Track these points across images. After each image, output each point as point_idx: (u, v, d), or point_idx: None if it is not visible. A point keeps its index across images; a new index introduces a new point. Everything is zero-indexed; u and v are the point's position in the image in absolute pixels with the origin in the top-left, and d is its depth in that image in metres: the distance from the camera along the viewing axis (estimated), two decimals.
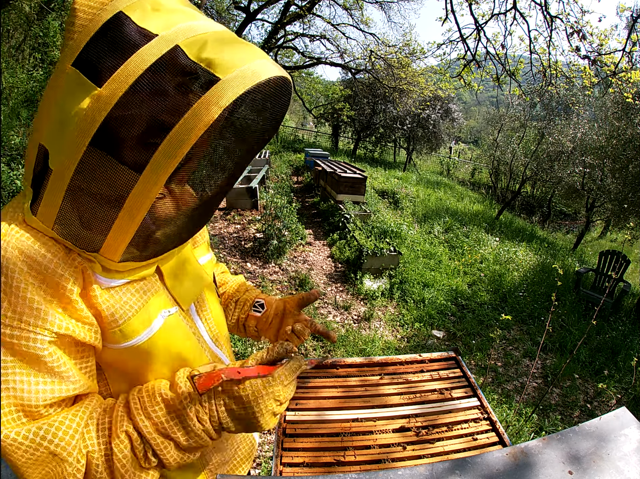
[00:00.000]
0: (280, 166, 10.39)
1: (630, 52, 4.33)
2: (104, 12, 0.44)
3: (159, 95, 0.44)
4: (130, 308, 0.56)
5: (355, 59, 11.76)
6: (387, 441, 1.13)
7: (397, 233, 5.70)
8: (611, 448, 0.70)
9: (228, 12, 12.31)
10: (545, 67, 5.03)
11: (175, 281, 0.64)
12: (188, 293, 0.67)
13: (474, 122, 35.16)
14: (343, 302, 4.15)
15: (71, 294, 0.50)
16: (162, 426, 0.54)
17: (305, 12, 9.17)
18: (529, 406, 2.96)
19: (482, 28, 5.07)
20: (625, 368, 3.52)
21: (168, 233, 0.57)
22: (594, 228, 12.13)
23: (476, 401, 1.29)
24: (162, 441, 0.54)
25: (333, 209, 6.48)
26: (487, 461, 0.67)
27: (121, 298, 0.56)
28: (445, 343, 3.77)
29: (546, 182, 10.21)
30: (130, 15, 0.44)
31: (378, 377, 1.39)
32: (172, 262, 0.64)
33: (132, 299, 0.57)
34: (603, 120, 7.89)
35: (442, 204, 8.83)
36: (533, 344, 3.91)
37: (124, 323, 0.55)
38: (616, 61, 4.38)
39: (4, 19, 6.35)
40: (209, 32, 0.47)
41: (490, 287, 4.98)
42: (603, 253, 4.92)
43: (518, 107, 11.54)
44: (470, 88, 5.91)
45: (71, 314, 0.51)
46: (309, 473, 1.01)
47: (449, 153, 20.09)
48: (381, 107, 14.66)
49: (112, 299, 0.55)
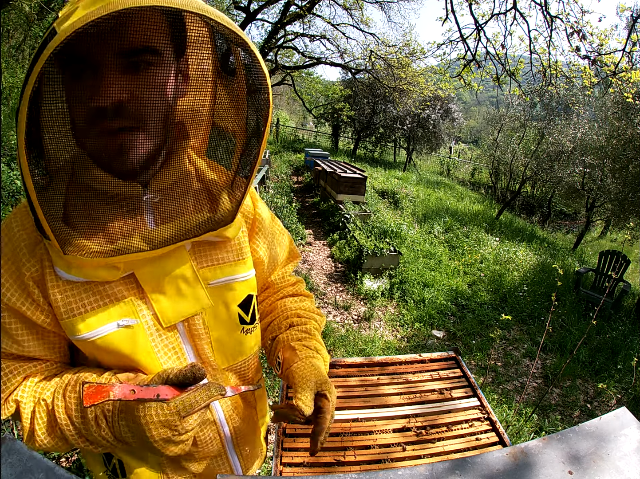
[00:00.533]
0: (280, 166, 10.39)
1: (630, 52, 4.32)
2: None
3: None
4: (80, 307, 0.57)
5: (355, 59, 11.77)
6: (387, 441, 1.13)
7: (397, 233, 5.70)
8: (611, 448, 0.70)
9: (228, 12, 12.30)
10: (545, 67, 5.03)
11: (160, 295, 0.62)
12: (171, 311, 0.63)
13: (474, 122, 35.17)
14: (343, 302, 4.15)
15: (24, 278, 0.56)
16: (70, 412, 0.59)
17: (305, 12, 9.17)
18: (529, 406, 2.96)
19: (482, 28, 5.07)
20: (625, 368, 3.52)
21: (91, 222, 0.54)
22: (594, 228, 12.13)
23: (476, 401, 1.29)
24: (66, 422, 0.59)
25: (333, 209, 6.49)
26: (487, 461, 0.67)
27: (76, 294, 0.57)
28: (445, 343, 3.77)
29: (546, 182, 10.21)
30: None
31: (378, 377, 1.39)
32: (154, 274, 0.60)
33: (87, 299, 0.57)
34: (603, 120, 7.89)
35: (442, 204, 8.83)
36: (533, 344, 3.91)
37: (68, 318, 0.57)
38: (616, 61, 4.38)
39: (4, 19, 6.35)
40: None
41: (490, 287, 4.98)
42: (603, 253, 4.92)
43: (518, 107, 11.54)
44: (470, 88, 5.91)
45: (29, 294, 0.57)
46: (309, 473, 1.01)
47: (449, 153, 20.09)
48: (381, 107, 14.66)
49: (67, 293, 0.57)
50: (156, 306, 0.62)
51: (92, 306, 0.58)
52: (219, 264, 0.69)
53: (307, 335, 0.78)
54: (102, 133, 0.50)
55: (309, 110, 16.27)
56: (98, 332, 0.58)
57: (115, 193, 0.55)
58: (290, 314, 0.82)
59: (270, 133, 16.42)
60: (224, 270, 0.69)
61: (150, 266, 0.60)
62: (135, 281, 0.60)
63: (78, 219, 0.53)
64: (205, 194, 0.64)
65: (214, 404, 0.73)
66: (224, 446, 0.77)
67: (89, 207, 0.54)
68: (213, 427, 0.73)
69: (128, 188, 0.55)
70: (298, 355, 0.72)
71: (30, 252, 0.56)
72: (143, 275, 0.60)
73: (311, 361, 0.71)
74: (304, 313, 0.83)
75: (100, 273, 0.56)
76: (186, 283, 0.64)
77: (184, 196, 0.60)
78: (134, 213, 0.57)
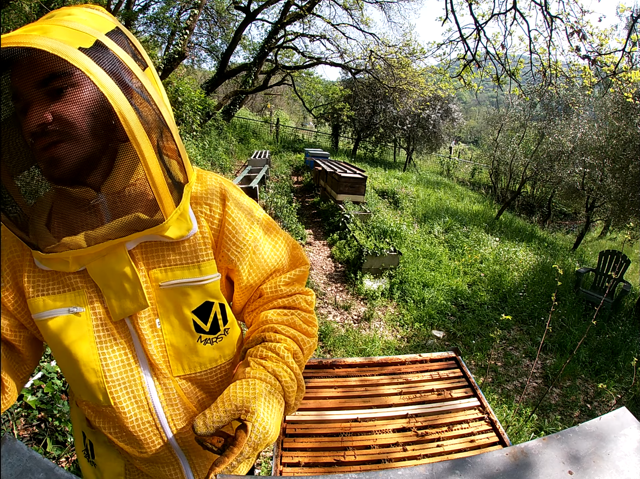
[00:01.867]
0: (280, 166, 10.39)
1: (630, 52, 4.33)
2: None
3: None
4: (43, 290, 0.66)
5: (355, 59, 11.78)
6: (387, 441, 1.13)
7: (397, 233, 5.70)
8: (611, 448, 0.70)
9: (228, 12, 12.32)
10: (545, 67, 5.03)
11: (109, 290, 0.66)
12: (117, 307, 0.67)
13: (474, 122, 35.14)
14: (343, 302, 4.15)
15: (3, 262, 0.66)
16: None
17: (305, 12, 9.17)
18: (529, 406, 2.96)
19: (482, 28, 5.07)
20: (625, 368, 3.52)
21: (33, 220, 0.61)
22: (594, 228, 12.13)
23: (476, 401, 1.29)
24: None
25: (333, 209, 6.49)
26: (487, 461, 0.67)
27: (43, 280, 0.66)
28: (445, 343, 3.77)
29: (546, 182, 10.21)
30: None
31: (378, 377, 1.39)
32: (101, 270, 0.65)
33: (50, 284, 0.66)
34: (603, 120, 7.88)
35: (442, 204, 8.83)
36: (533, 344, 3.91)
37: (33, 298, 0.66)
38: (616, 61, 4.38)
39: (4, 19, 6.35)
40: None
41: (490, 287, 4.98)
42: (603, 253, 4.92)
43: (518, 107, 11.54)
44: (470, 88, 5.91)
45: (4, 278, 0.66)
46: (309, 473, 1.01)
47: (449, 153, 20.08)
48: (381, 107, 14.66)
49: (37, 278, 0.66)
50: (107, 302, 0.67)
51: (53, 291, 0.66)
52: (170, 266, 0.68)
53: (275, 355, 0.69)
54: (38, 149, 0.57)
55: (309, 110, 16.28)
56: (52, 313, 0.66)
57: (72, 197, 0.61)
58: (267, 328, 0.74)
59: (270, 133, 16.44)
60: (175, 272, 0.69)
61: (98, 263, 0.64)
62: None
63: (37, 221, 0.62)
64: (137, 195, 0.64)
65: (152, 399, 0.71)
66: (172, 453, 0.75)
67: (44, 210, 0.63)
68: (155, 430, 0.71)
69: (79, 192, 0.60)
70: (246, 373, 0.66)
71: (18, 240, 0.65)
72: (92, 270, 0.65)
73: (255, 383, 0.64)
74: (284, 329, 0.73)
75: (55, 265, 0.64)
76: (128, 282, 0.66)
77: (121, 196, 0.63)
78: (85, 214, 0.62)
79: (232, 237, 0.74)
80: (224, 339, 0.76)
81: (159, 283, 0.68)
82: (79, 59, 0.52)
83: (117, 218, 0.61)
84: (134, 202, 0.63)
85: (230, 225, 0.73)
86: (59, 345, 0.68)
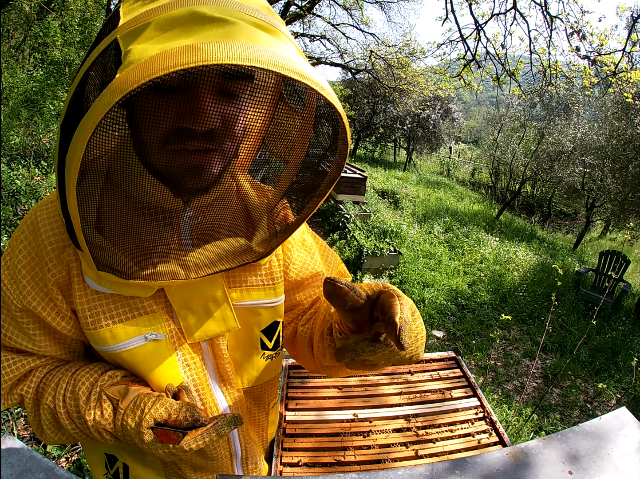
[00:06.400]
0: None
1: (630, 52, 4.32)
2: None
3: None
4: (108, 319, 0.56)
5: (355, 59, 11.76)
6: (387, 441, 1.13)
7: (397, 233, 5.70)
8: (611, 448, 0.70)
9: None
10: (545, 67, 5.03)
11: (187, 312, 0.61)
12: (196, 329, 0.63)
13: (474, 122, 35.14)
14: None
15: (48, 283, 0.55)
16: (72, 415, 0.59)
17: (305, 12, 9.16)
18: (528, 406, 2.96)
19: (482, 28, 5.07)
20: (625, 368, 3.52)
21: (129, 247, 0.51)
22: (594, 228, 12.12)
23: (476, 401, 1.29)
24: (71, 426, 0.60)
25: (333, 209, 6.49)
26: (487, 461, 0.67)
27: (104, 305, 0.56)
28: (445, 343, 3.77)
29: (546, 182, 10.21)
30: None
31: (378, 377, 1.39)
32: (184, 292, 0.60)
33: (115, 311, 0.57)
34: (603, 120, 7.88)
35: (442, 204, 8.83)
36: (533, 344, 3.91)
37: (95, 329, 0.56)
38: (616, 61, 4.37)
39: (4, 19, 6.35)
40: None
41: (490, 287, 4.98)
42: (603, 253, 4.92)
43: (518, 107, 11.54)
44: (470, 88, 5.91)
45: (52, 299, 0.56)
46: (309, 473, 1.02)
47: (449, 153, 20.08)
48: (381, 107, 14.67)
49: (95, 303, 0.56)
50: (182, 322, 0.61)
51: (121, 319, 0.57)
52: (247, 287, 0.66)
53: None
54: (181, 152, 0.47)
55: None
56: (125, 345, 0.58)
57: (159, 207, 0.52)
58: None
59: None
60: (251, 293, 0.67)
61: (183, 285, 0.59)
62: (164, 295, 0.60)
63: (114, 231, 0.50)
64: (245, 217, 0.61)
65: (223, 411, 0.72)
66: (232, 463, 0.76)
67: (126, 218, 0.50)
68: (225, 444, 0.72)
69: (173, 202, 0.52)
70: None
71: (58, 256, 0.54)
72: (173, 293, 0.59)
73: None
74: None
75: (133, 290, 0.55)
76: (215, 303, 0.62)
77: (224, 215, 0.58)
78: (172, 231, 0.55)
79: (291, 255, 0.74)
80: (280, 353, 0.78)
81: (233, 303, 0.66)
82: (333, 97, 0.44)
83: (227, 244, 0.57)
84: (252, 225, 0.60)
85: (289, 243, 0.73)
86: (137, 373, 0.62)
